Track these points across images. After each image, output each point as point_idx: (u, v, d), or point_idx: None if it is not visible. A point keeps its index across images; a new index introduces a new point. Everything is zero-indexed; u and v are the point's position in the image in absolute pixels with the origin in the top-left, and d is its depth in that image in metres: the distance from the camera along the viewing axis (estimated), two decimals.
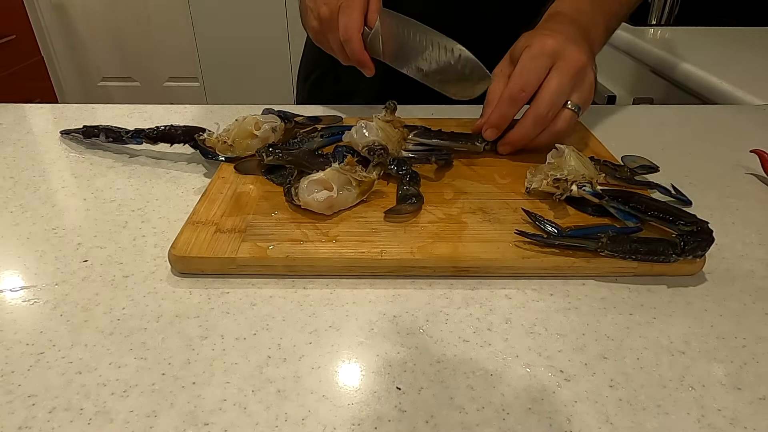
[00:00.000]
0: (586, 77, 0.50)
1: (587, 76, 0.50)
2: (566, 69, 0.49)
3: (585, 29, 0.54)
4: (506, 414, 0.28)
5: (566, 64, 0.49)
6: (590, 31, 0.54)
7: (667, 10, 1.28)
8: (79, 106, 0.70)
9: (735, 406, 0.29)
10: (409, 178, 0.45)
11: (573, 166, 0.44)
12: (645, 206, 0.40)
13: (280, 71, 2.22)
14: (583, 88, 0.50)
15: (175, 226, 0.43)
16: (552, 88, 0.49)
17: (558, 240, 0.38)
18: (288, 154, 0.47)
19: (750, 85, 0.82)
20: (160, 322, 0.34)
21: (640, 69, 1.11)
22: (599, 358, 0.31)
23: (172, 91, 2.69)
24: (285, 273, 0.38)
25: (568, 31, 0.51)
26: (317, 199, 0.41)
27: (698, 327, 0.34)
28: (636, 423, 0.28)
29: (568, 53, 0.49)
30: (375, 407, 0.28)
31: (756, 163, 0.53)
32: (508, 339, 0.33)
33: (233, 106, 0.69)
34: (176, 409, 0.28)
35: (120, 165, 0.54)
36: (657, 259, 0.37)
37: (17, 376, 0.30)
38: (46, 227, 0.44)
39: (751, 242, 0.42)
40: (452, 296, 0.36)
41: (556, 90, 0.49)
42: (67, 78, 2.70)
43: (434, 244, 0.39)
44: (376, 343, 0.33)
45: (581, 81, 0.50)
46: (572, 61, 0.49)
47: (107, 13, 2.54)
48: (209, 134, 0.51)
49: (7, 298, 0.36)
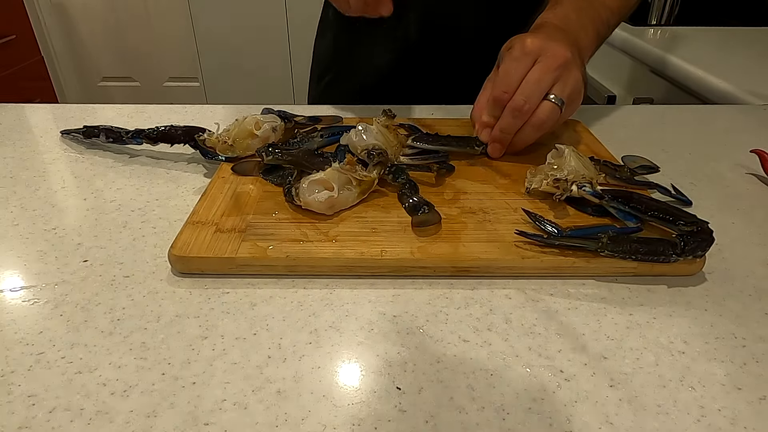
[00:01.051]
0: (570, 73, 0.50)
1: (571, 72, 0.50)
2: (547, 63, 0.49)
3: (572, 35, 0.53)
4: (506, 414, 0.28)
5: (548, 59, 0.49)
6: (578, 37, 0.54)
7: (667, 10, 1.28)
8: (79, 106, 0.70)
9: (735, 406, 0.29)
10: (408, 187, 0.45)
11: (573, 166, 0.44)
12: (645, 206, 0.40)
13: (280, 71, 2.22)
14: (566, 82, 0.49)
15: (175, 226, 0.43)
16: (530, 80, 0.49)
17: (558, 240, 0.38)
18: (288, 154, 0.47)
19: (750, 85, 0.82)
20: (160, 322, 0.34)
21: (640, 69, 1.11)
22: (599, 358, 0.31)
23: (172, 91, 2.69)
24: (285, 273, 0.38)
25: (552, 34, 0.51)
26: (318, 200, 0.41)
27: (698, 327, 0.34)
28: (636, 423, 0.28)
29: (550, 49, 0.49)
30: (375, 407, 0.28)
31: (756, 163, 0.53)
32: (508, 339, 0.33)
33: (233, 106, 0.69)
34: (176, 409, 0.28)
35: (120, 165, 0.54)
36: (657, 259, 0.37)
37: (17, 376, 0.30)
38: (46, 227, 0.44)
39: (751, 242, 0.42)
40: (452, 296, 0.36)
41: (533, 81, 0.49)
42: (67, 78, 2.69)
43: (434, 244, 0.39)
44: (376, 343, 0.33)
45: (565, 76, 0.49)
46: (554, 56, 0.49)
47: (107, 13, 2.54)
48: (209, 134, 0.51)
49: (7, 298, 0.36)
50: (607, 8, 0.57)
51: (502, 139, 0.51)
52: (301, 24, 2.11)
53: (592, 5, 0.57)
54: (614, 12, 0.57)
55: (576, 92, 0.50)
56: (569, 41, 0.51)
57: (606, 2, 0.57)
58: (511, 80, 0.49)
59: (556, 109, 0.49)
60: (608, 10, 0.57)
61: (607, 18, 0.56)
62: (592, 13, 0.56)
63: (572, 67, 0.50)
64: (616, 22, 0.60)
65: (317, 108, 0.68)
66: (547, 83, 0.49)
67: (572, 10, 0.56)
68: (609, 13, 0.57)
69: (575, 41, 0.53)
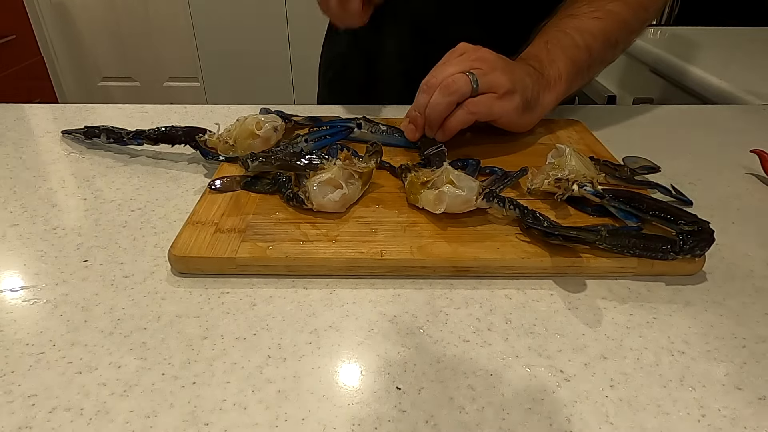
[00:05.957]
0: (496, 66, 0.50)
1: (498, 65, 0.50)
2: (467, 55, 0.51)
3: (533, 66, 0.54)
4: (506, 414, 0.28)
5: (470, 53, 0.51)
6: (544, 68, 0.55)
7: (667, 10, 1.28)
8: (80, 106, 0.70)
9: (735, 406, 0.29)
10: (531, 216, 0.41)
11: (574, 166, 0.44)
12: (646, 206, 0.40)
13: (280, 71, 2.22)
14: (485, 65, 0.50)
15: (175, 226, 0.43)
16: (442, 60, 0.51)
17: (558, 230, 0.38)
18: (275, 159, 0.46)
19: (750, 85, 0.82)
20: (160, 322, 0.34)
21: (640, 69, 1.11)
22: (599, 358, 0.31)
23: (172, 91, 2.69)
24: (285, 273, 0.38)
25: (501, 65, 0.52)
26: (333, 200, 0.41)
27: (698, 327, 0.34)
28: (636, 423, 0.28)
29: (477, 48, 0.51)
30: (375, 407, 0.28)
31: (756, 163, 0.53)
32: (508, 339, 0.33)
33: (233, 106, 0.69)
34: (176, 409, 0.28)
35: (120, 165, 0.54)
36: (655, 255, 0.37)
37: (17, 376, 0.30)
38: (46, 227, 0.44)
39: (751, 242, 0.42)
40: (452, 296, 0.36)
41: (444, 61, 0.51)
42: (67, 78, 2.70)
43: (434, 244, 0.39)
44: (376, 343, 0.33)
45: (486, 66, 0.50)
46: (478, 50, 0.51)
47: (107, 13, 2.54)
48: (210, 135, 0.51)
49: (7, 298, 0.36)
50: (583, 32, 0.56)
51: (415, 118, 0.52)
52: (301, 24, 2.11)
53: (565, 34, 0.57)
54: (595, 35, 0.56)
55: (496, 77, 0.50)
56: (517, 74, 0.52)
57: (582, 27, 0.57)
58: (433, 73, 0.51)
59: (467, 80, 0.49)
60: (586, 35, 0.56)
61: (586, 42, 0.56)
62: (566, 41, 0.56)
63: (498, 62, 0.51)
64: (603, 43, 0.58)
65: (317, 108, 0.68)
66: (460, 64, 0.50)
67: (543, 46, 0.57)
68: (589, 38, 0.56)
69: (535, 71, 0.54)
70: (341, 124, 0.56)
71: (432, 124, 0.51)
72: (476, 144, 0.55)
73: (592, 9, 0.58)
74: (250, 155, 0.46)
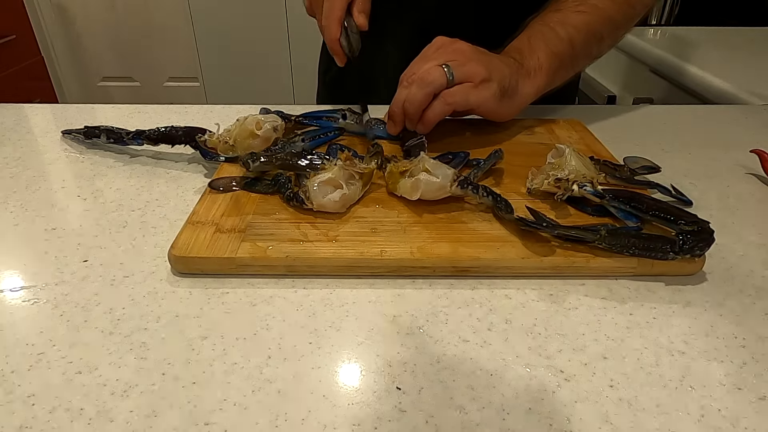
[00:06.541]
0: (471, 57, 0.51)
1: (473, 56, 0.51)
2: (444, 48, 0.52)
3: (513, 58, 0.55)
4: (506, 414, 0.28)
5: (447, 46, 0.52)
6: (524, 58, 0.56)
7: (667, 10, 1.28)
8: (79, 106, 0.70)
9: (735, 406, 0.29)
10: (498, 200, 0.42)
11: (574, 166, 0.44)
12: (646, 206, 0.40)
13: (280, 71, 2.22)
14: (461, 56, 0.51)
15: (175, 226, 0.43)
16: (419, 56, 0.53)
17: (557, 229, 0.38)
18: (276, 158, 0.46)
19: (750, 85, 0.82)
20: (160, 322, 0.34)
21: (640, 69, 1.11)
22: (599, 358, 0.31)
23: (172, 91, 2.69)
24: (285, 273, 0.38)
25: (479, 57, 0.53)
26: (333, 200, 0.41)
27: (698, 327, 0.34)
28: (636, 423, 0.28)
29: (453, 41, 0.52)
30: (375, 407, 0.28)
31: (756, 163, 0.53)
32: (508, 339, 0.33)
33: (233, 106, 0.69)
34: (176, 409, 0.28)
35: (120, 165, 0.54)
36: (654, 255, 0.37)
37: (17, 376, 0.30)
38: (46, 227, 0.44)
39: (751, 242, 0.42)
40: (452, 296, 0.36)
41: (421, 56, 0.52)
42: (67, 78, 2.69)
43: (434, 244, 0.39)
44: (376, 343, 0.33)
45: (461, 57, 0.51)
46: (454, 42, 0.52)
47: (107, 13, 2.54)
48: (210, 135, 0.51)
49: (7, 298, 0.36)
50: (566, 25, 0.57)
51: (394, 113, 0.53)
52: (301, 24, 2.11)
53: (548, 27, 0.58)
54: (579, 28, 0.57)
55: (471, 68, 0.51)
56: (494, 63, 0.53)
57: (565, 20, 0.58)
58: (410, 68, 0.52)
59: (443, 72, 0.50)
60: (569, 27, 0.57)
61: (569, 35, 0.57)
62: (548, 34, 0.57)
63: (474, 54, 0.52)
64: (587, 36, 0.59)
65: (317, 108, 0.67)
66: (436, 58, 0.51)
67: (525, 39, 0.57)
68: (572, 31, 0.57)
69: (514, 63, 0.55)
70: (327, 114, 0.59)
71: (411, 118, 0.52)
72: (476, 144, 0.55)
73: (576, 3, 0.59)
74: (251, 155, 0.46)
